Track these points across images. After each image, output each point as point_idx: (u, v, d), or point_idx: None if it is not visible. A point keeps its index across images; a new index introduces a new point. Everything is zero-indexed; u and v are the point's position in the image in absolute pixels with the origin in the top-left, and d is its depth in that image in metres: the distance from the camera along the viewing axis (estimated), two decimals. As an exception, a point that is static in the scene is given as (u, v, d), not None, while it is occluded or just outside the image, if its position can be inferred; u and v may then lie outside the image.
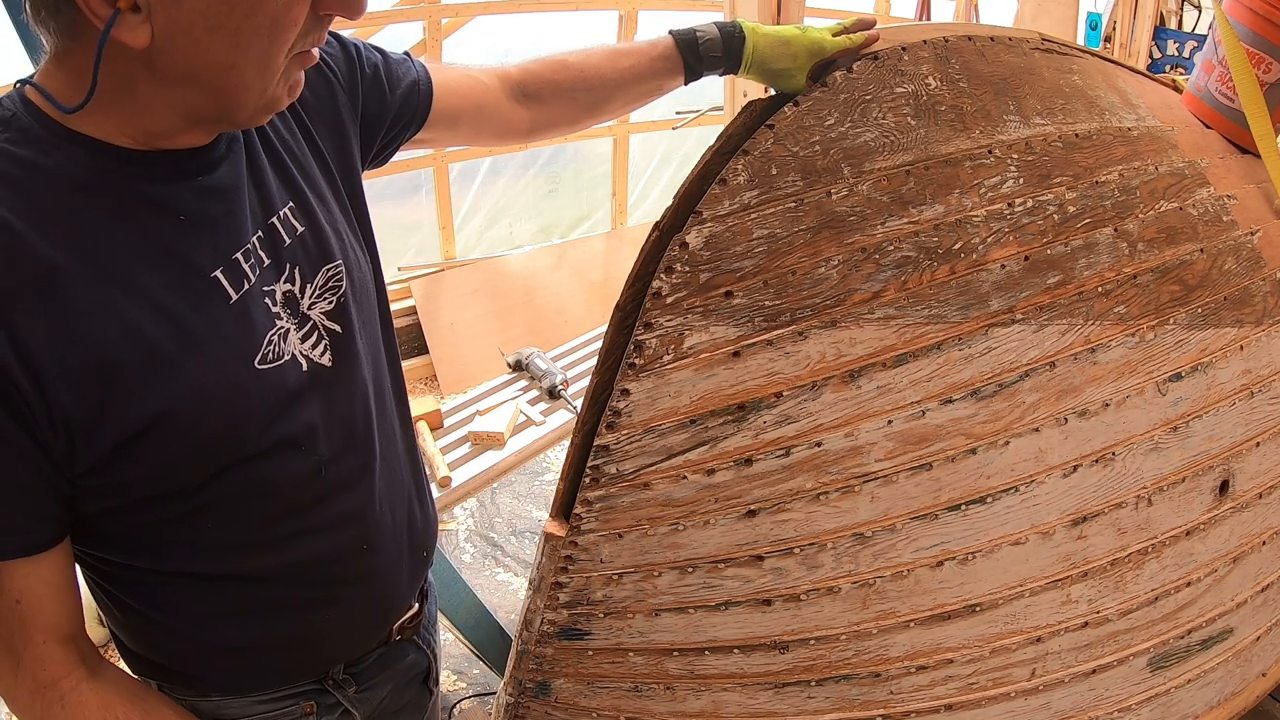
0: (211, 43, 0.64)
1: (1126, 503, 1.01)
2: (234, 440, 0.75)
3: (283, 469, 0.79)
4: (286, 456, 0.79)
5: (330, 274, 0.84)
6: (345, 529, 0.86)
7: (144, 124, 0.69)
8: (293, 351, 0.79)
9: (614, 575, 0.85)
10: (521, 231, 5.00)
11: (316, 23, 0.70)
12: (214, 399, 0.72)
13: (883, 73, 0.93)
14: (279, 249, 0.80)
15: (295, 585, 0.85)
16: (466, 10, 3.93)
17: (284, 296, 0.79)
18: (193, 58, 0.65)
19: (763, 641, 0.88)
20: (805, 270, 0.87)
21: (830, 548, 0.88)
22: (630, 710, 0.88)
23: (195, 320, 0.72)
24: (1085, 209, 1.02)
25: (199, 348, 0.72)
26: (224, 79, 0.67)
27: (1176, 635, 1.07)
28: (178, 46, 0.64)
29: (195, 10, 0.62)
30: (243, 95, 0.68)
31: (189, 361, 0.71)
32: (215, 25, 0.63)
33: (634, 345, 0.83)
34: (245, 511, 0.79)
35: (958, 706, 0.95)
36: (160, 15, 0.62)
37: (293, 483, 0.80)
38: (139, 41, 0.63)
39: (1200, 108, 1.40)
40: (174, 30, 0.63)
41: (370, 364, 0.89)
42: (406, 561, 0.95)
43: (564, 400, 2.21)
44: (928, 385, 0.91)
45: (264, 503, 0.79)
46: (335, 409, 0.83)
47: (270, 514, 0.80)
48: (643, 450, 0.84)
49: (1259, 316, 1.15)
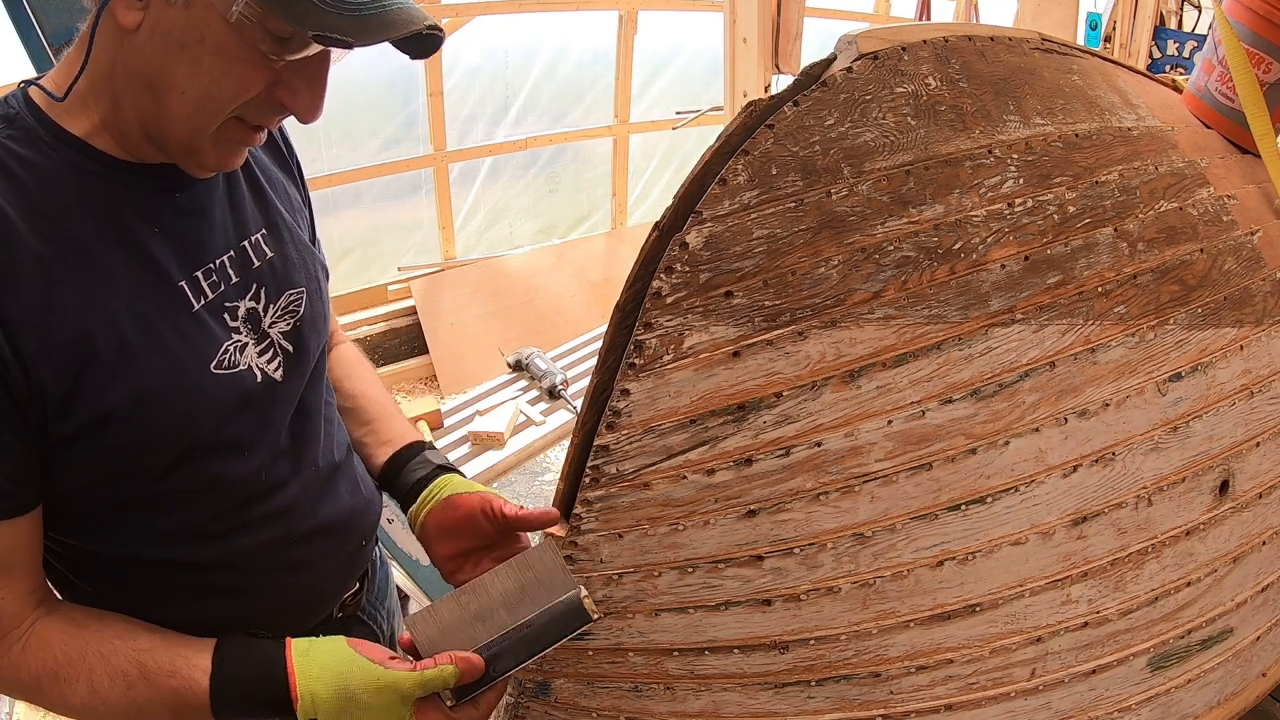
0: (174, 57, 0.70)
1: (1126, 503, 1.01)
2: (189, 435, 0.80)
3: (230, 468, 0.85)
4: (234, 457, 0.85)
5: (291, 298, 0.92)
6: (275, 524, 0.91)
7: (117, 123, 0.75)
8: (249, 363, 0.86)
9: (614, 575, 0.85)
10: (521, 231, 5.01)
11: (268, 104, 0.75)
12: (172, 394, 0.78)
13: (883, 73, 0.93)
14: (248, 269, 0.88)
15: (232, 572, 0.89)
16: (466, 10, 3.93)
17: (247, 312, 0.87)
18: (155, 62, 0.70)
19: (763, 641, 0.88)
20: (805, 270, 0.87)
21: (830, 548, 0.88)
22: (630, 710, 0.88)
23: (161, 322, 0.78)
24: (1085, 209, 1.02)
25: (163, 346, 0.78)
26: (167, 99, 0.72)
27: (1176, 635, 1.07)
28: (150, 45, 0.69)
29: (177, 22, 0.68)
30: (174, 124, 0.73)
31: (154, 357, 0.77)
32: (184, 43, 0.69)
33: (634, 345, 0.83)
34: (195, 504, 0.84)
35: (958, 706, 0.95)
36: (154, 10, 0.68)
37: (238, 481, 0.86)
38: (128, 21, 0.68)
39: (1200, 108, 1.40)
40: (156, 29, 0.69)
41: (318, 381, 0.98)
42: (334, 552, 1.00)
43: (564, 400, 2.21)
44: (928, 385, 0.91)
45: (211, 497, 0.85)
46: (278, 418, 0.90)
47: (216, 508, 0.86)
48: (643, 450, 0.84)
49: (1259, 316, 1.15)
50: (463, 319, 4.40)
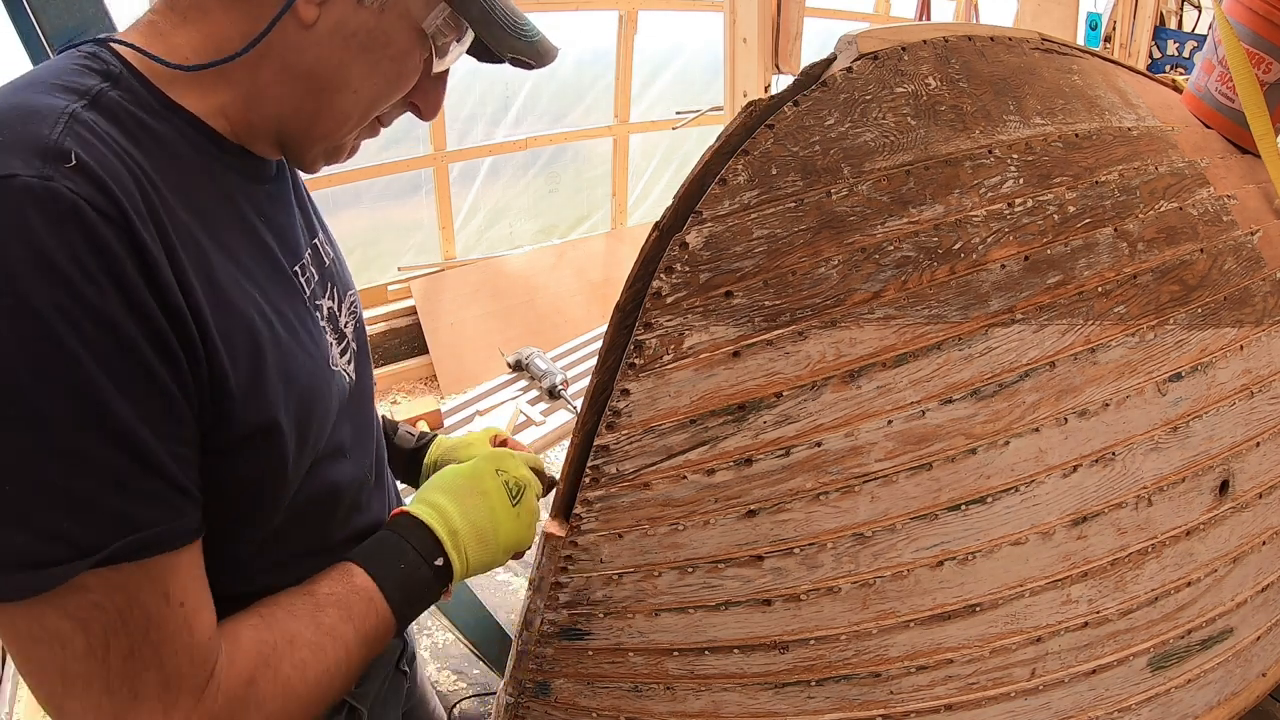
0: (353, 57, 0.68)
1: (1126, 503, 1.01)
2: (319, 439, 0.75)
3: (340, 473, 0.81)
4: (339, 463, 0.82)
5: (351, 297, 0.92)
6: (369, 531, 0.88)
7: (246, 111, 0.70)
8: (338, 363, 0.83)
9: (614, 575, 0.85)
10: (521, 231, 5.01)
11: (401, 104, 0.76)
12: (318, 394, 0.74)
13: (883, 72, 0.93)
14: (322, 268, 0.85)
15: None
16: (466, 10, 3.92)
17: (328, 311, 0.84)
18: (330, 59, 0.68)
19: (763, 641, 0.88)
20: (805, 270, 0.87)
21: (830, 548, 0.88)
22: (630, 710, 0.88)
23: (291, 314, 0.73)
24: (1085, 209, 1.02)
25: (300, 340, 0.73)
26: (335, 98, 0.70)
27: (1176, 635, 1.07)
28: (326, 45, 0.67)
29: (366, 25, 0.67)
30: (337, 123, 0.72)
31: (298, 352, 0.71)
32: (368, 46, 0.68)
33: (634, 345, 0.83)
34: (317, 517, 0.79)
35: (958, 706, 0.95)
36: (335, 9, 0.66)
37: (346, 489, 0.82)
38: (307, 15, 0.65)
39: (1200, 108, 1.40)
40: (335, 29, 0.66)
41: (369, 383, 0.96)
42: None
43: (564, 400, 2.21)
44: (928, 385, 0.91)
45: (331, 507, 0.80)
46: (364, 419, 0.88)
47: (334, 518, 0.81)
48: (643, 450, 0.84)
49: (1259, 316, 1.15)
50: (463, 319, 4.40)
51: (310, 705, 0.68)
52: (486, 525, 0.84)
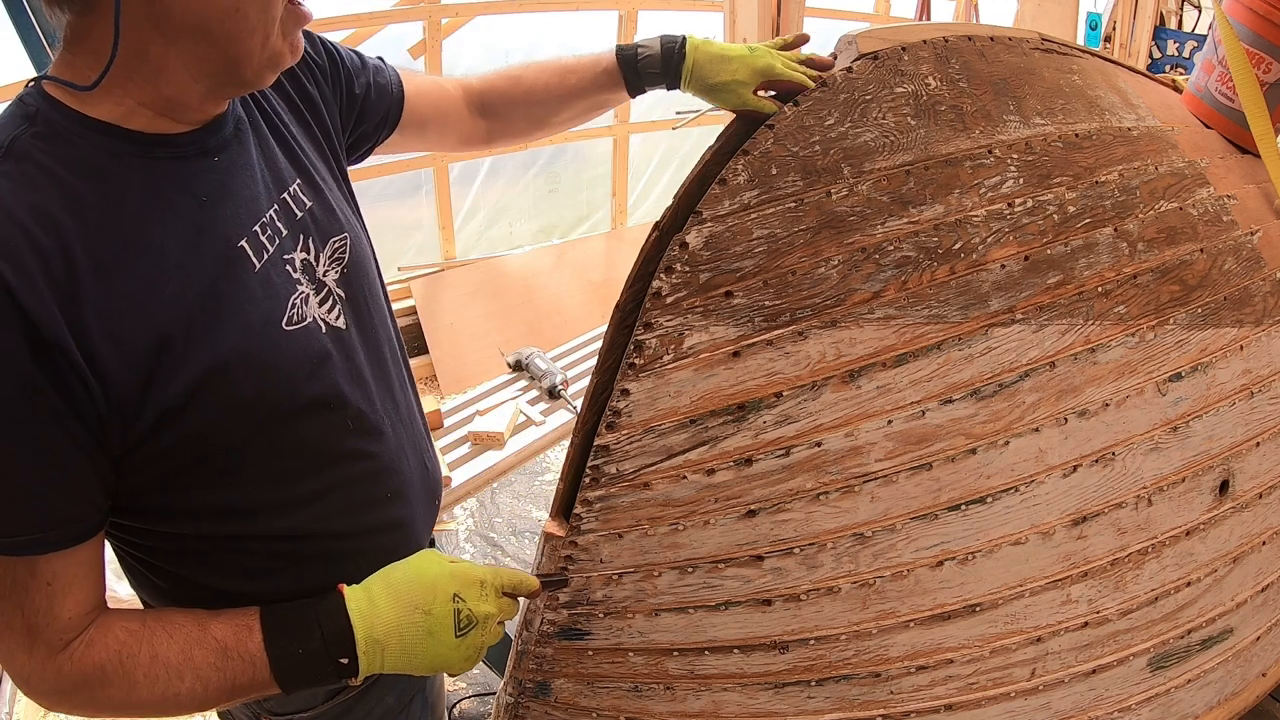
0: None
1: (1126, 503, 1.01)
2: (269, 399, 0.79)
3: (316, 427, 0.84)
4: (318, 415, 0.84)
5: (336, 245, 0.91)
6: (373, 481, 0.91)
7: (161, 90, 0.73)
8: (313, 315, 0.85)
9: (614, 575, 0.85)
10: (521, 231, 5.00)
11: None
12: (249, 360, 0.77)
13: (883, 72, 0.93)
14: (293, 220, 0.86)
15: (329, 538, 0.89)
16: (466, 10, 3.93)
17: (302, 264, 0.85)
18: (199, 5, 0.69)
19: (763, 641, 0.88)
20: (805, 270, 0.87)
21: (830, 548, 0.88)
22: (630, 710, 0.88)
23: (226, 288, 0.77)
24: (1085, 209, 1.02)
25: (233, 313, 0.76)
26: (229, 24, 0.71)
27: (1176, 635, 1.07)
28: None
29: None
30: (248, 41, 0.73)
31: (225, 327, 0.76)
32: None
33: (634, 345, 0.83)
34: (283, 471, 0.83)
35: (958, 706, 0.95)
36: None
37: (325, 439, 0.85)
38: None
39: (1200, 108, 1.40)
40: None
41: (376, 326, 0.97)
42: (424, 507, 1.00)
43: (564, 400, 2.21)
44: (928, 385, 0.91)
45: (300, 460, 0.84)
46: (354, 368, 0.89)
47: (306, 471, 0.85)
48: (643, 450, 0.84)
49: (1259, 316, 1.15)
50: (463, 319, 4.40)
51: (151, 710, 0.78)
52: (416, 644, 0.81)
